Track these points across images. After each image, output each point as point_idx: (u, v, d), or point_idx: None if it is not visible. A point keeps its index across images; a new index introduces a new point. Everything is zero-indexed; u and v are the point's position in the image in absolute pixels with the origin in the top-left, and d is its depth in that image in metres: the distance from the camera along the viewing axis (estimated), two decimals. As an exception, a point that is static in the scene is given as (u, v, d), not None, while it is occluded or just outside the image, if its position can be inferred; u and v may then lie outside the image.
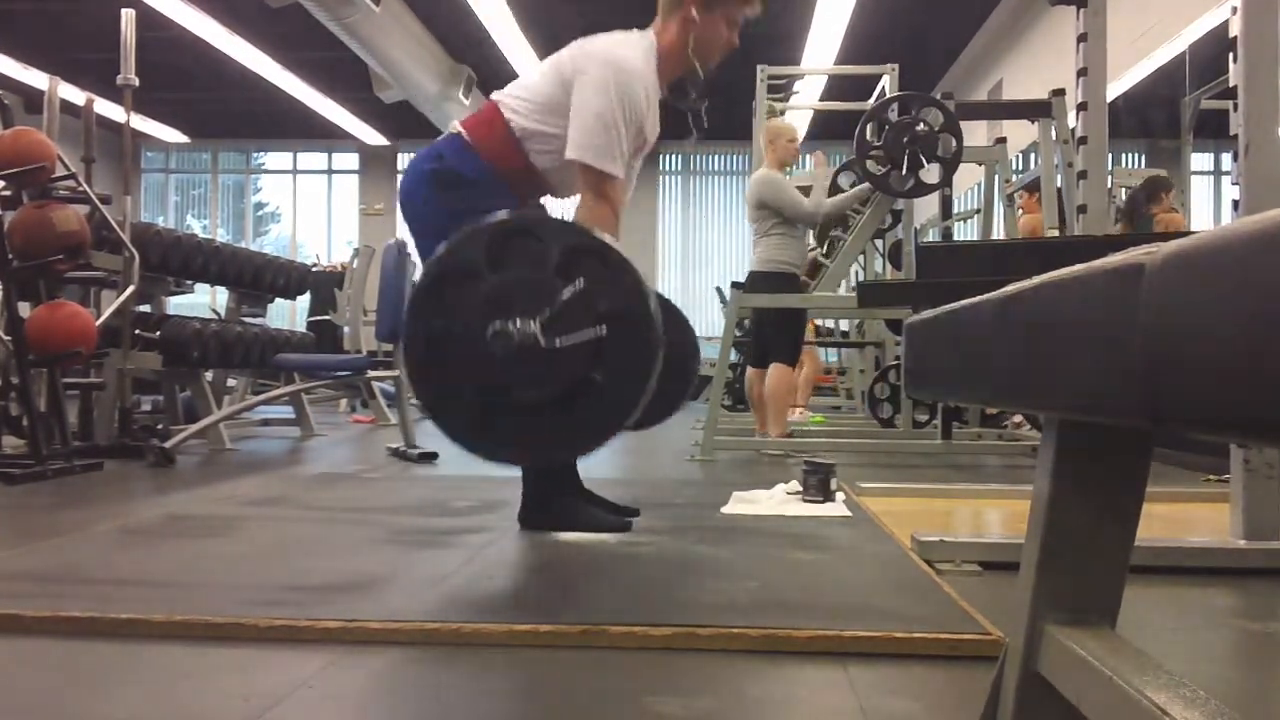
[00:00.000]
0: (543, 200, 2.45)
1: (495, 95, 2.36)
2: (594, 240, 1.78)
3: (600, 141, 2.17)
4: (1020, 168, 6.48)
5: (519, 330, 1.69)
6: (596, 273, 1.74)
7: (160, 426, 4.41)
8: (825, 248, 5.79)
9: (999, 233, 5.30)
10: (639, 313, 1.74)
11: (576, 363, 1.72)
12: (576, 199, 2.29)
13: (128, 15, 4.32)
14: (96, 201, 3.94)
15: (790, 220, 4.53)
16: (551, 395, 1.74)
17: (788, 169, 4.89)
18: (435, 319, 1.77)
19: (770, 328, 4.70)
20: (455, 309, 1.76)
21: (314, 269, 9.02)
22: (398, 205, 2.47)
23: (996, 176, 5.27)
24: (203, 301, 10.05)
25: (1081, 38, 2.99)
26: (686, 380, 2.61)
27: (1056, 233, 4.53)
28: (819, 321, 7.07)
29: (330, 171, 14.57)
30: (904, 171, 4.07)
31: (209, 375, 5.00)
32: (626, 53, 2.25)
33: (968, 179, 7.42)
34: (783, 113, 5.68)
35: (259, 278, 5.72)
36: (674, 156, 13.78)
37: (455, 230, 2.23)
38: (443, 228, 2.26)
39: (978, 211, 5.84)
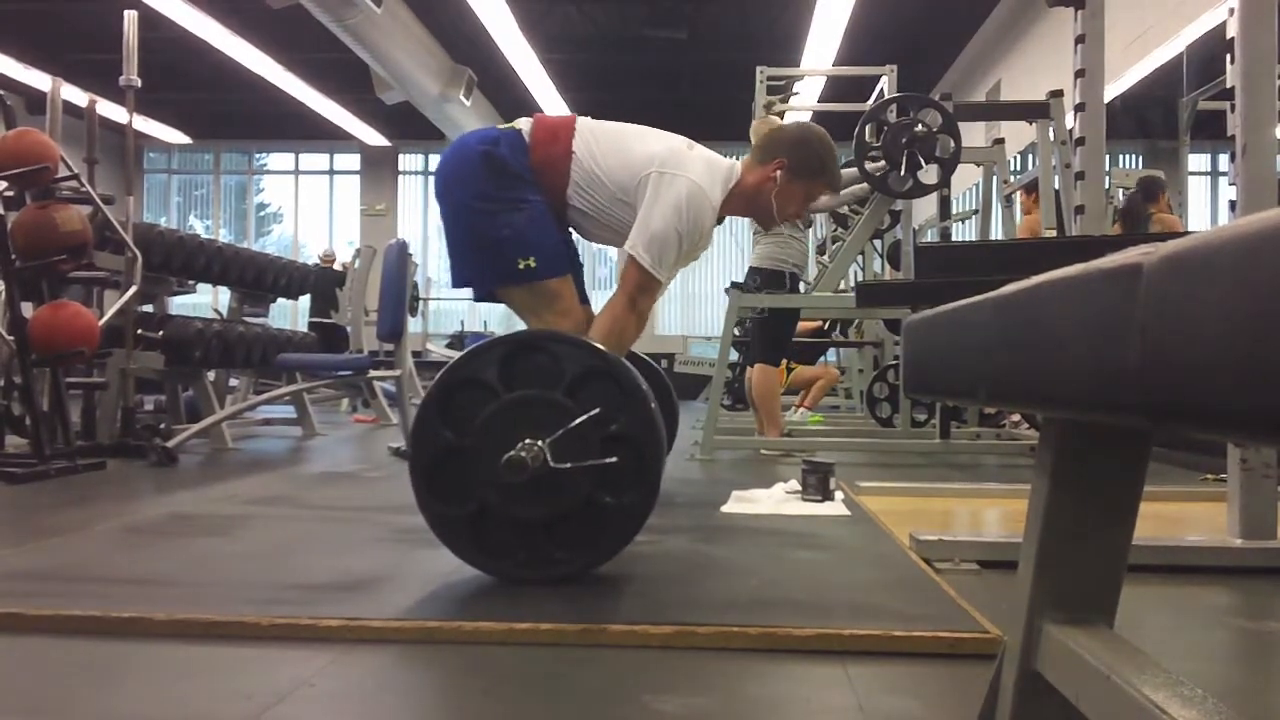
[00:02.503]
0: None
1: (579, 121, 2.35)
2: (607, 363, 1.79)
3: (659, 249, 2.21)
4: (1018, 168, 6.49)
5: (529, 454, 1.70)
6: (609, 397, 1.76)
7: (162, 426, 4.41)
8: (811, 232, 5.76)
9: (997, 233, 5.30)
10: (647, 437, 1.76)
11: (582, 485, 1.74)
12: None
13: (130, 16, 4.32)
14: (99, 202, 3.95)
15: None
16: (553, 514, 1.76)
17: None
18: (444, 430, 1.78)
19: (756, 326, 4.69)
20: (465, 422, 1.77)
21: (322, 264, 9.03)
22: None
23: (995, 177, 5.28)
24: (205, 301, 10.07)
25: (1079, 39, 3.00)
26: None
27: (1054, 233, 4.53)
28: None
29: (332, 172, 14.57)
30: (903, 172, 4.07)
31: (211, 375, 5.00)
32: (710, 177, 2.29)
33: (966, 179, 7.43)
34: (782, 114, 5.67)
35: (261, 278, 5.73)
36: (674, 157, 13.77)
37: (480, 213, 2.25)
38: (477, 210, 2.28)
39: (976, 212, 5.85)
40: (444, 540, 1.80)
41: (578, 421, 1.73)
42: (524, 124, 2.33)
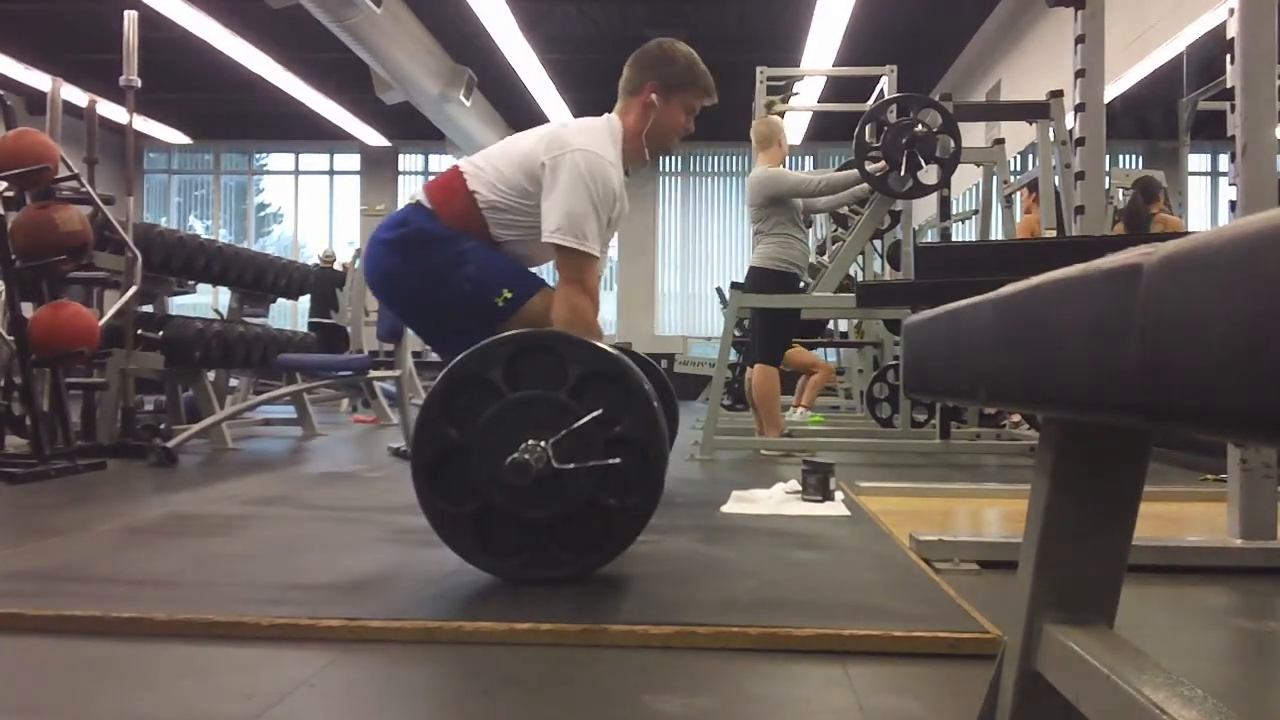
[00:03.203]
0: None
1: (460, 163, 2.36)
2: (612, 365, 1.79)
3: (578, 224, 2.20)
4: (1018, 169, 6.49)
5: (533, 456, 1.70)
6: (613, 398, 1.76)
7: (163, 426, 4.41)
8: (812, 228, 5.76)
9: (997, 233, 5.30)
10: (651, 438, 1.76)
11: (583, 485, 1.74)
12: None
13: (130, 17, 4.32)
14: (99, 202, 3.95)
15: (801, 196, 4.49)
16: (556, 515, 1.76)
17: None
18: (448, 429, 1.78)
19: (757, 326, 4.69)
20: (468, 421, 1.77)
21: (323, 264, 9.02)
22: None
23: (995, 177, 5.28)
24: (205, 302, 10.07)
25: (1079, 39, 3.00)
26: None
27: (1054, 233, 4.53)
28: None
29: (332, 172, 14.58)
30: (903, 172, 4.07)
31: (211, 375, 5.00)
32: (598, 141, 2.27)
33: (966, 180, 7.43)
34: (782, 114, 5.67)
35: (261, 278, 5.73)
36: (674, 157, 13.77)
37: (432, 288, 2.25)
38: (424, 288, 2.28)
39: (976, 212, 5.85)
40: (446, 539, 1.80)
41: (581, 422, 1.73)
42: (418, 195, 2.35)
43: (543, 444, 1.73)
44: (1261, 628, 1.70)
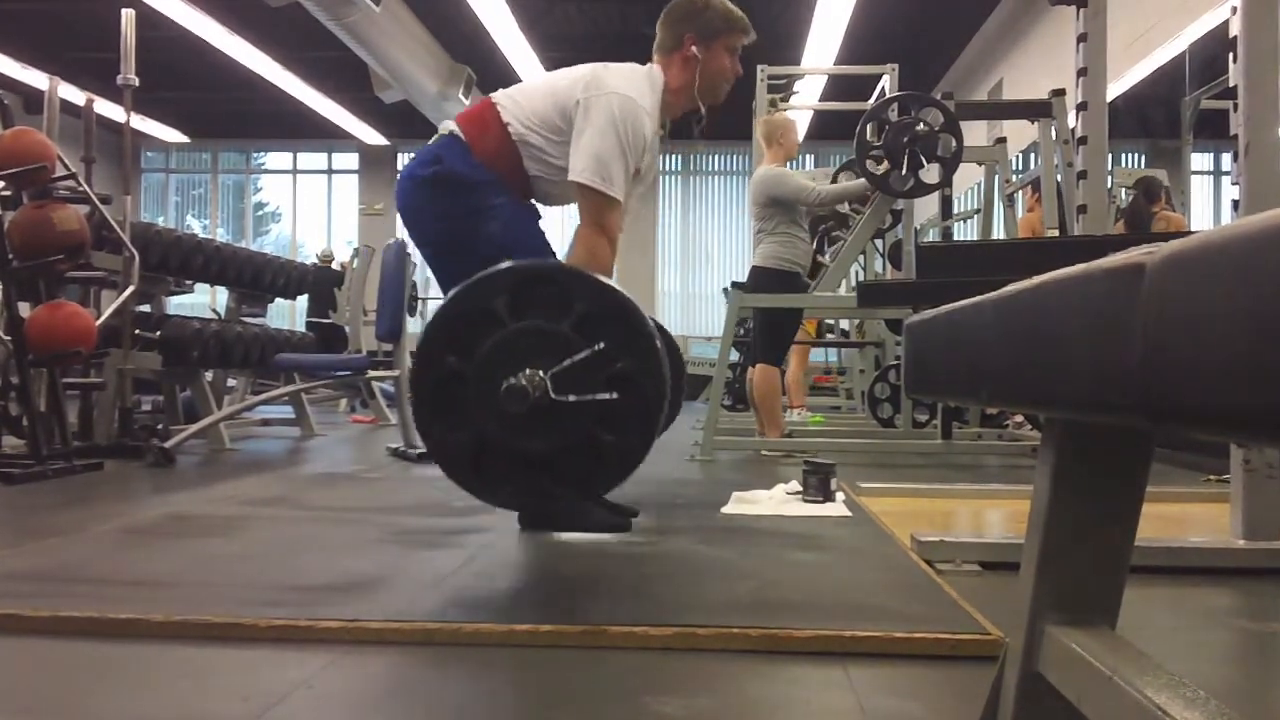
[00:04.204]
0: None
1: (494, 96, 2.36)
2: (616, 300, 1.78)
3: (604, 167, 2.18)
4: (1020, 168, 6.49)
5: (531, 384, 1.69)
6: (615, 334, 1.75)
7: (160, 426, 4.40)
8: (816, 243, 5.78)
9: (999, 233, 5.30)
10: (651, 378, 1.75)
11: (583, 420, 1.73)
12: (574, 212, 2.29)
13: (128, 15, 4.32)
14: (96, 201, 3.94)
15: (800, 204, 4.48)
16: (552, 448, 1.75)
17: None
18: (448, 356, 1.77)
19: (758, 326, 4.69)
20: (470, 350, 1.76)
21: (321, 264, 9.02)
22: (397, 207, 2.47)
23: (996, 176, 5.27)
24: (203, 301, 10.06)
25: (1081, 38, 2.99)
26: (673, 408, 2.63)
27: (1056, 233, 4.52)
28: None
29: (330, 171, 14.58)
30: (904, 171, 4.06)
31: (209, 375, 5.00)
32: (635, 87, 2.26)
33: (968, 179, 7.42)
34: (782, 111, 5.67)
35: (259, 278, 5.73)
36: (674, 156, 13.78)
37: (452, 238, 2.24)
38: (449, 233, 2.27)
39: (978, 211, 5.84)
40: (444, 468, 1.80)
41: (582, 355, 1.72)
42: (450, 126, 2.33)
43: (541, 374, 1.71)
44: (1264, 629, 1.70)
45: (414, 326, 3.83)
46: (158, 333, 4.42)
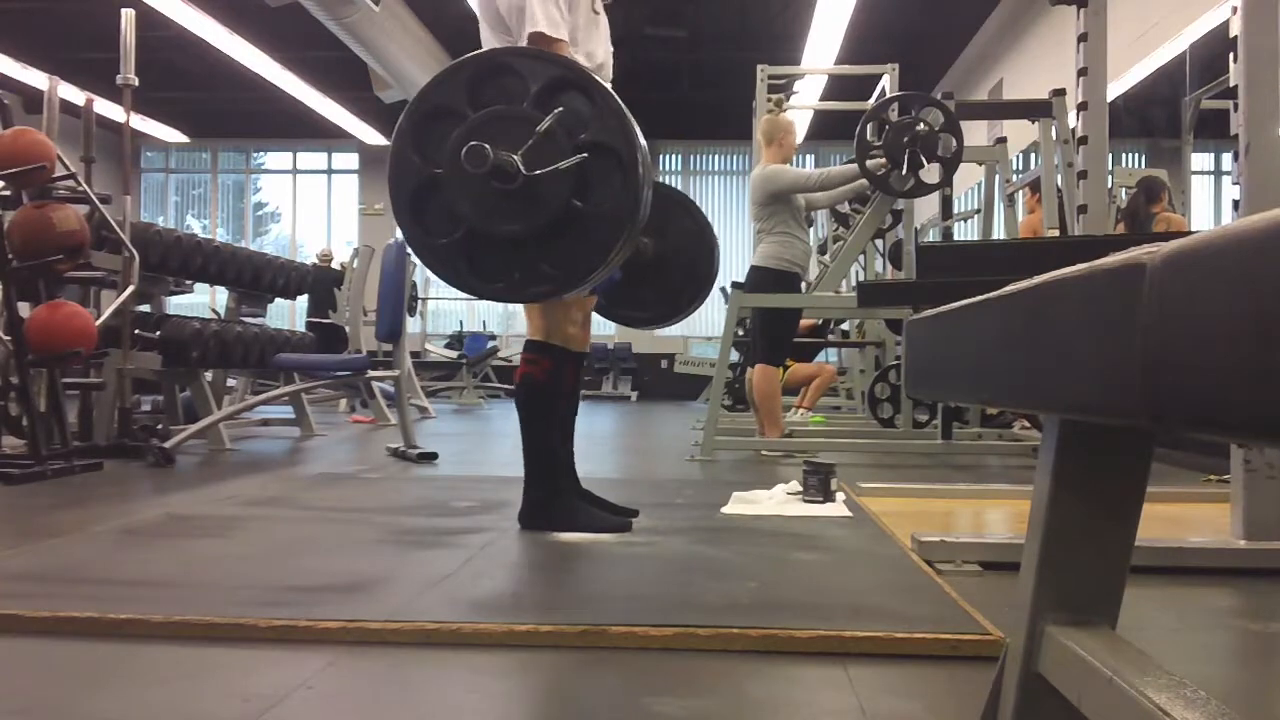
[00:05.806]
0: None
1: None
2: (575, 72, 1.79)
3: (535, 13, 2.14)
4: (1020, 168, 6.49)
5: (495, 154, 1.71)
6: (578, 103, 1.76)
7: (160, 426, 4.40)
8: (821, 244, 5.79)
9: (999, 233, 5.30)
10: (621, 139, 1.75)
11: (558, 191, 1.74)
12: None
13: (128, 15, 4.31)
14: (96, 201, 3.94)
15: (800, 192, 4.47)
16: (535, 227, 1.76)
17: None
18: (417, 157, 1.79)
19: (758, 325, 4.68)
20: (439, 150, 1.77)
21: (321, 264, 9.01)
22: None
23: (997, 176, 5.27)
24: (202, 301, 10.06)
25: (1082, 37, 2.99)
26: (697, 281, 2.62)
27: (1056, 233, 4.52)
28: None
29: (330, 171, 14.57)
30: (904, 171, 4.06)
31: (209, 375, 4.99)
32: None
33: (968, 179, 7.42)
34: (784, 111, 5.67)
35: (258, 278, 5.72)
36: (674, 156, 13.77)
37: None
38: None
39: (978, 211, 5.85)
40: (438, 271, 1.82)
41: (545, 124, 1.72)
42: None
43: (511, 154, 1.73)
44: (1265, 629, 1.70)
45: (413, 327, 3.83)
46: (157, 333, 4.41)
